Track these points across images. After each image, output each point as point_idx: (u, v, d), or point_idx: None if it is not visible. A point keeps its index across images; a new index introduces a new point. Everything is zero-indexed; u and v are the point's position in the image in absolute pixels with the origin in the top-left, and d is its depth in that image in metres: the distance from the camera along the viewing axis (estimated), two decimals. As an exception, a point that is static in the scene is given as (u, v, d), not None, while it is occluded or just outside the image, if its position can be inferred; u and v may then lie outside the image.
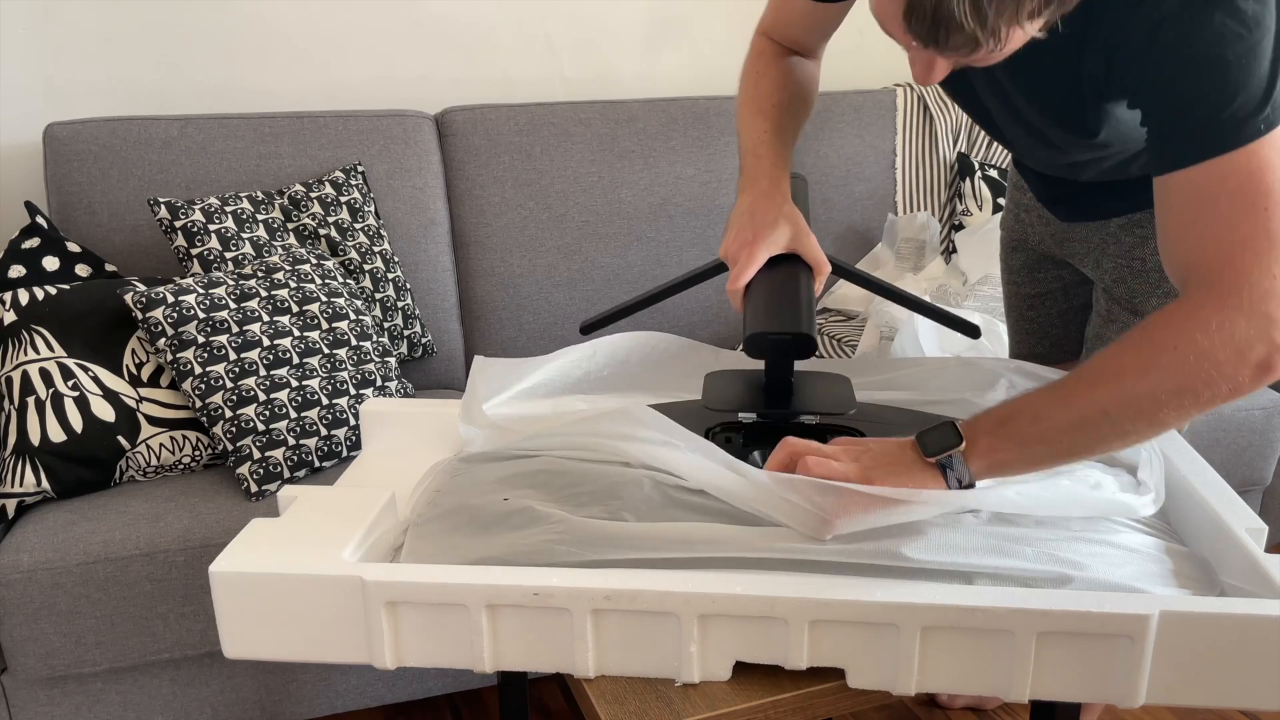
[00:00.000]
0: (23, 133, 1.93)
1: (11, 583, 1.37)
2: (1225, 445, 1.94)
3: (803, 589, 0.77)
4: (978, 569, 0.80)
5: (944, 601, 0.75)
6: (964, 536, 0.82)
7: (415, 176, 1.98)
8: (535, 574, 0.79)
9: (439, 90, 2.17)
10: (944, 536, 0.82)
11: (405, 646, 0.82)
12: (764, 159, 1.06)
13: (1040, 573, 0.80)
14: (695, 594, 0.77)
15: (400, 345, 1.90)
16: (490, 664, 0.81)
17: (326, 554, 0.82)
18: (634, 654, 0.80)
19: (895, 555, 0.80)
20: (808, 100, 1.16)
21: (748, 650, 0.79)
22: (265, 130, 1.90)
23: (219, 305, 1.58)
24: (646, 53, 2.31)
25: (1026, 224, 1.34)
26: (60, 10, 1.90)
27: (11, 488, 1.47)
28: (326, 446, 1.56)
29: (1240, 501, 0.91)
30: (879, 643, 0.77)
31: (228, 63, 2.03)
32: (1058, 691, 0.77)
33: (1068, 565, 0.81)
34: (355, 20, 2.09)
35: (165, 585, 1.43)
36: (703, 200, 2.14)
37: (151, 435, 1.55)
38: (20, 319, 1.54)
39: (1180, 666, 0.76)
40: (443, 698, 1.82)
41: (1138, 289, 1.17)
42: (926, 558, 0.80)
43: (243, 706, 1.57)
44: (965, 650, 0.77)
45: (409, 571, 0.80)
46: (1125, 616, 0.74)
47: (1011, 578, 0.80)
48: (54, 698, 1.47)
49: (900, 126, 2.31)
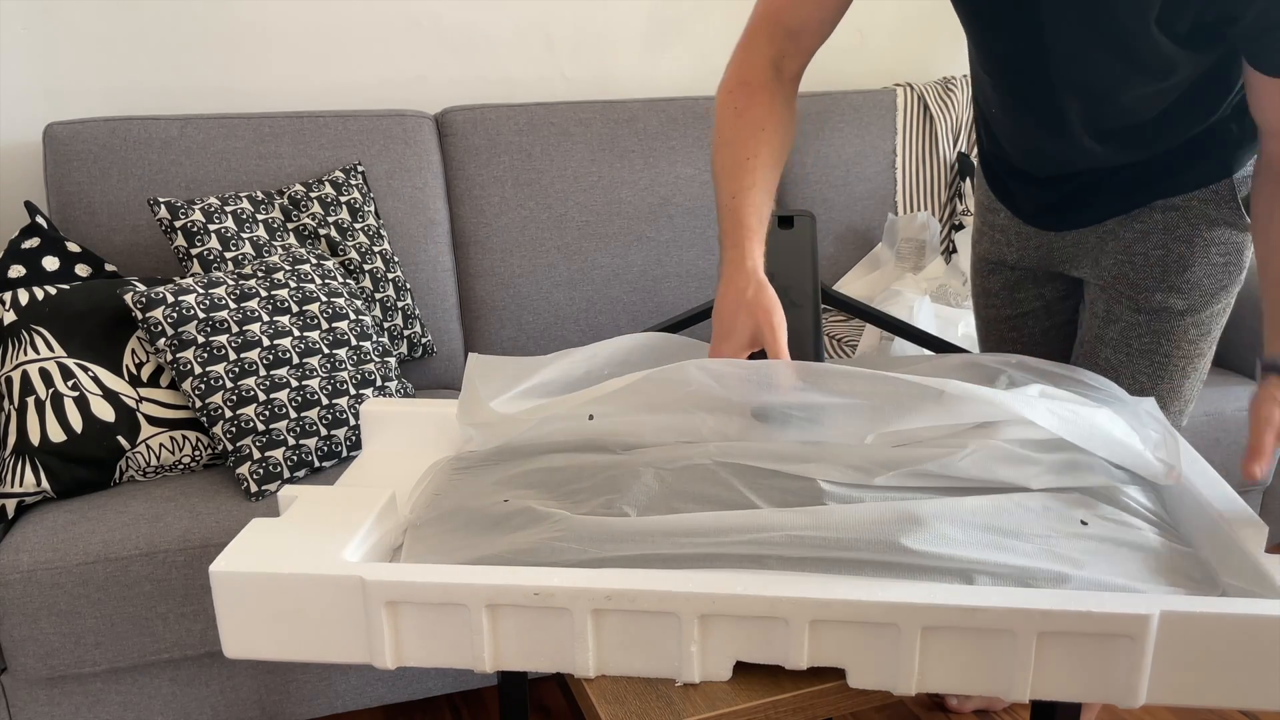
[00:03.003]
0: (23, 133, 1.93)
1: (11, 583, 1.37)
2: (1225, 445, 1.94)
3: (803, 589, 0.77)
4: (975, 564, 0.80)
5: (945, 602, 0.75)
6: (963, 532, 0.82)
7: (415, 176, 1.98)
8: (535, 574, 0.79)
9: (439, 90, 2.17)
10: (942, 530, 0.82)
11: (405, 646, 0.82)
12: (740, 220, 1.03)
13: (1039, 570, 0.80)
14: (696, 594, 0.77)
15: (400, 345, 1.89)
16: (490, 664, 0.81)
17: (326, 554, 0.82)
18: (634, 654, 0.80)
19: (894, 547, 0.80)
20: (789, 130, 1.12)
21: (748, 650, 0.79)
22: (265, 130, 1.90)
23: (219, 305, 1.58)
24: (646, 53, 2.31)
25: (1003, 243, 1.33)
26: (60, 10, 1.90)
27: (11, 488, 1.46)
28: (326, 446, 1.56)
29: (1240, 501, 0.91)
30: (880, 643, 0.77)
31: (228, 63, 2.03)
32: (1058, 691, 0.77)
33: (1066, 563, 0.81)
34: (355, 20, 2.09)
35: (165, 585, 1.43)
36: (703, 200, 2.14)
37: (151, 435, 1.55)
38: (20, 319, 1.54)
39: (1180, 666, 0.76)
40: (443, 698, 1.82)
41: (1140, 283, 1.17)
42: (925, 549, 0.80)
43: (243, 706, 1.57)
44: (966, 650, 0.77)
45: (409, 571, 0.80)
46: (1126, 616, 0.74)
47: (1009, 573, 0.80)
48: (54, 698, 1.47)
49: (900, 126, 2.31)
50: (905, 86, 2.35)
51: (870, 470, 0.88)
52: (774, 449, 0.91)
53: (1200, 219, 1.14)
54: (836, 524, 0.82)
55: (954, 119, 2.33)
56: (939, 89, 2.35)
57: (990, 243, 1.35)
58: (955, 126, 2.33)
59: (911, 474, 0.88)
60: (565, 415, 0.98)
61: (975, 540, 0.82)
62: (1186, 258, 1.15)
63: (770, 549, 0.81)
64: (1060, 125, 1.10)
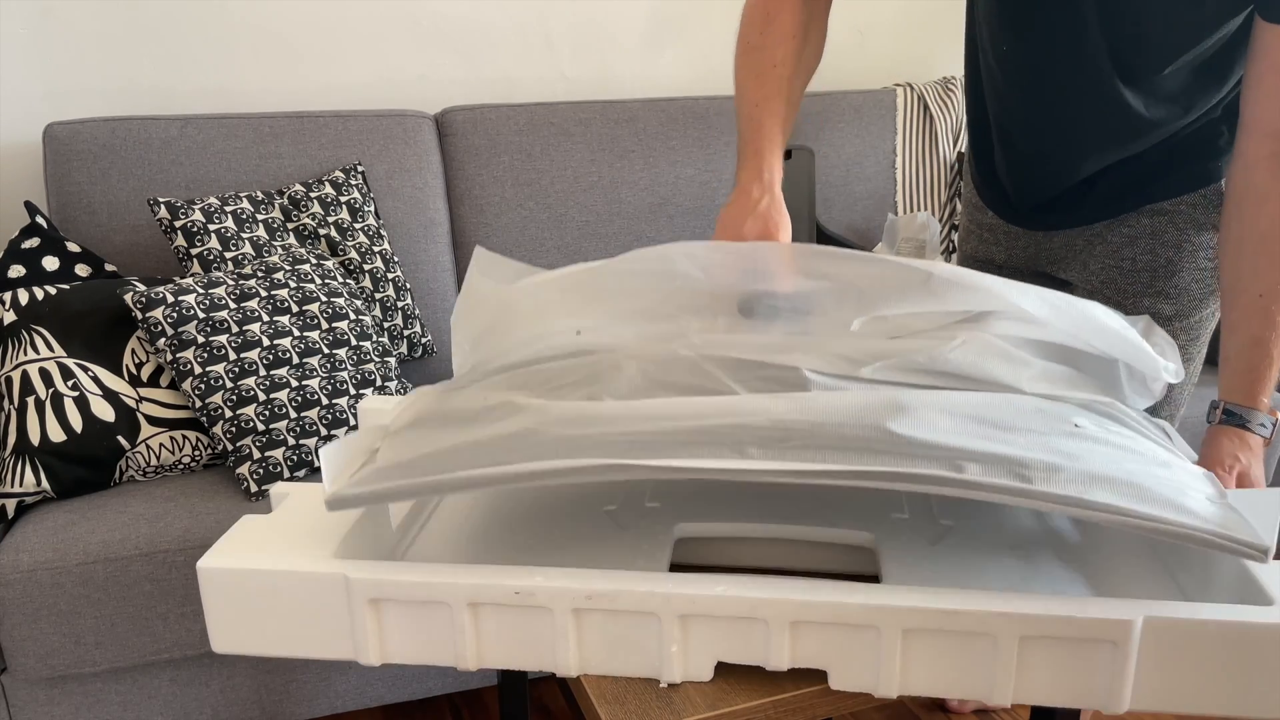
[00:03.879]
0: (23, 133, 1.94)
1: (11, 583, 1.38)
2: (1227, 446, 1.93)
3: (784, 591, 0.77)
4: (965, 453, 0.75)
5: (925, 605, 0.75)
6: (952, 422, 0.78)
7: (415, 176, 1.99)
8: (517, 574, 0.79)
9: (439, 90, 2.17)
10: (931, 418, 0.78)
11: (390, 643, 0.82)
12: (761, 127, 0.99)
13: (1030, 460, 0.75)
14: (675, 594, 0.77)
15: (400, 345, 1.90)
16: (474, 662, 0.81)
17: (312, 551, 0.83)
18: (616, 653, 0.80)
19: (880, 431, 0.76)
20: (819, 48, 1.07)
21: (729, 651, 0.79)
22: (265, 130, 1.91)
23: (219, 305, 1.58)
24: (646, 53, 2.30)
25: (991, 243, 1.32)
26: (60, 10, 1.91)
27: (11, 488, 1.47)
28: (324, 446, 1.57)
29: None
30: (860, 645, 0.77)
31: (228, 63, 2.03)
32: (1041, 696, 0.77)
33: (1060, 456, 0.77)
34: (355, 20, 2.09)
35: (165, 585, 1.44)
36: (703, 200, 2.13)
37: (151, 435, 1.55)
38: (20, 319, 1.55)
39: (1165, 672, 0.75)
40: (443, 698, 1.82)
41: (1128, 289, 1.16)
42: (912, 435, 0.76)
43: (242, 706, 1.57)
44: (947, 653, 0.76)
45: (392, 569, 0.80)
46: (1108, 622, 0.73)
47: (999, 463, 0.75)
48: (54, 698, 1.48)
49: (900, 126, 2.30)
50: (905, 86, 2.35)
51: (857, 360, 0.84)
52: (759, 340, 0.88)
53: (1188, 224, 1.13)
54: (821, 409, 0.78)
55: (954, 119, 2.32)
56: (939, 89, 2.35)
57: (978, 241, 1.35)
58: (955, 126, 2.32)
59: (899, 368, 0.84)
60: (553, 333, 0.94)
61: (965, 430, 0.78)
62: (1174, 263, 1.14)
63: (752, 433, 0.77)
64: (1084, 60, 1.06)
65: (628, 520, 0.96)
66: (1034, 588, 0.87)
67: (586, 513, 0.98)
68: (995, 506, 1.00)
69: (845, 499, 0.99)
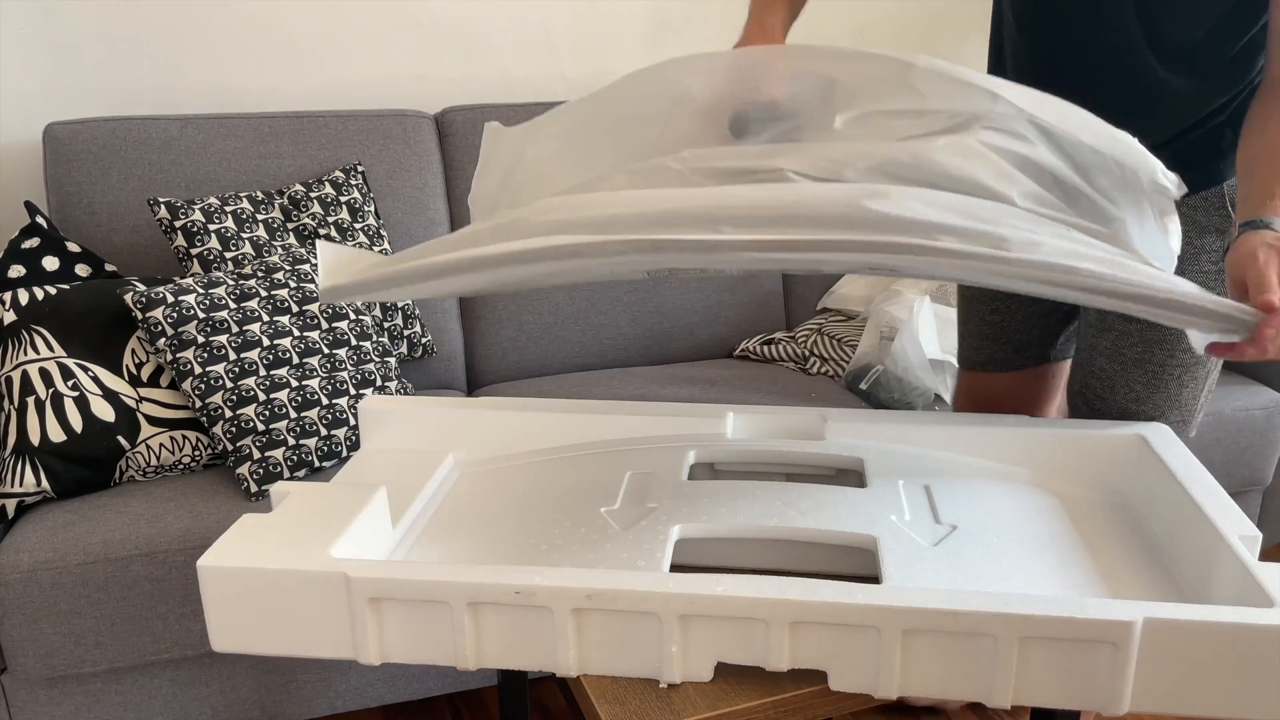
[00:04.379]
0: (23, 133, 1.94)
1: (11, 583, 1.38)
2: (1225, 445, 1.93)
3: (784, 591, 0.77)
4: (942, 226, 0.74)
5: (925, 606, 0.75)
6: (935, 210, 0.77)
7: (415, 176, 1.99)
8: (517, 573, 0.79)
9: (439, 90, 2.17)
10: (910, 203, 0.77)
11: (390, 642, 0.82)
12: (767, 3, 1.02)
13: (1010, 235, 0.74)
14: (675, 594, 0.77)
15: (400, 345, 1.90)
16: (474, 661, 0.81)
17: (313, 550, 0.83)
18: (616, 653, 0.80)
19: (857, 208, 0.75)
20: None
21: (729, 651, 0.79)
22: (265, 130, 1.91)
23: (219, 305, 1.58)
24: (646, 53, 2.30)
25: None
26: (60, 10, 1.91)
27: (11, 488, 1.47)
28: (326, 446, 1.57)
29: (1235, 507, 0.90)
30: (860, 645, 0.77)
31: (228, 63, 2.03)
32: (1040, 697, 0.77)
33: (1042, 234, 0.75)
34: (355, 20, 2.09)
35: (165, 585, 1.44)
36: (703, 200, 2.13)
37: (151, 435, 1.55)
38: (20, 319, 1.55)
39: (1165, 674, 0.75)
40: (443, 698, 1.82)
41: None
42: (889, 211, 0.74)
43: (242, 706, 1.57)
44: (947, 654, 0.76)
45: (392, 569, 0.80)
46: (1108, 623, 0.73)
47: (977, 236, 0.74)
48: (54, 698, 1.48)
49: (901, 126, 2.30)
50: (907, 85, 2.34)
51: (842, 162, 0.83)
52: (745, 149, 0.87)
53: (1190, 226, 1.13)
54: (799, 193, 0.78)
55: (955, 118, 2.32)
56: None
57: None
58: (956, 125, 2.32)
59: (885, 170, 0.82)
60: None
61: (950, 205, 0.77)
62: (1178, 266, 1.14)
63: (729, 213, 0.76)
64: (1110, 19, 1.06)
65: (628, 520, 0.96)
66: (1034, 589, 0.87)
67: (586, 513, 0.98)
68: (995, 506, 1.00)
69: (845, 499, 0.99)
